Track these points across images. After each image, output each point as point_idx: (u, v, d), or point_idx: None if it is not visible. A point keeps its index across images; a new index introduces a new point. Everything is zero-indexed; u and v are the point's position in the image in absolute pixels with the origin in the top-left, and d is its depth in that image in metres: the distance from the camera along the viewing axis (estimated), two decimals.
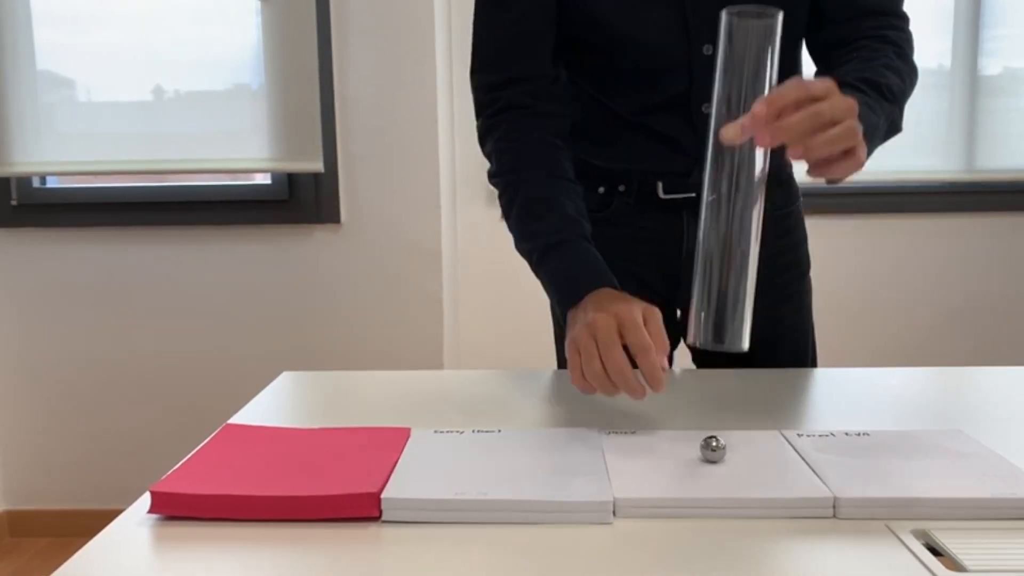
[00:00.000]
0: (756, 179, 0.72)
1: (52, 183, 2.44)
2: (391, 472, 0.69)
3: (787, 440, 0.77)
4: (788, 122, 0.69)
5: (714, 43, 0.98)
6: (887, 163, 2.36)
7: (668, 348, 0.81)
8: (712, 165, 0.72)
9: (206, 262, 2.38)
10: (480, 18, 1.04)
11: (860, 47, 0.98)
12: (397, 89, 2.25)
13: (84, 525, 2.44)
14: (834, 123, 0.71)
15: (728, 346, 0.75)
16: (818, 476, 0.68)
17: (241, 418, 0.89)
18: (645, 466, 0.71)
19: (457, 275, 2.51)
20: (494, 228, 1.00)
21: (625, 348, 0.80)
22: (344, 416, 0.89)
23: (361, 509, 0.64)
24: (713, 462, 0.71)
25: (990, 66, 2.37)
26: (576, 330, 0.84)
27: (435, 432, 0.81)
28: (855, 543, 0.60)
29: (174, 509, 0.66)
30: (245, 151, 2.28)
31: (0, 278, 2.40)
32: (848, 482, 0.66)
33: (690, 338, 0.77)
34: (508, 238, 1.03)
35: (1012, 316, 2.46)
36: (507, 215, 1.02)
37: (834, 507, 0.64)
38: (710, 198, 0.73)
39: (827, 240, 2.39)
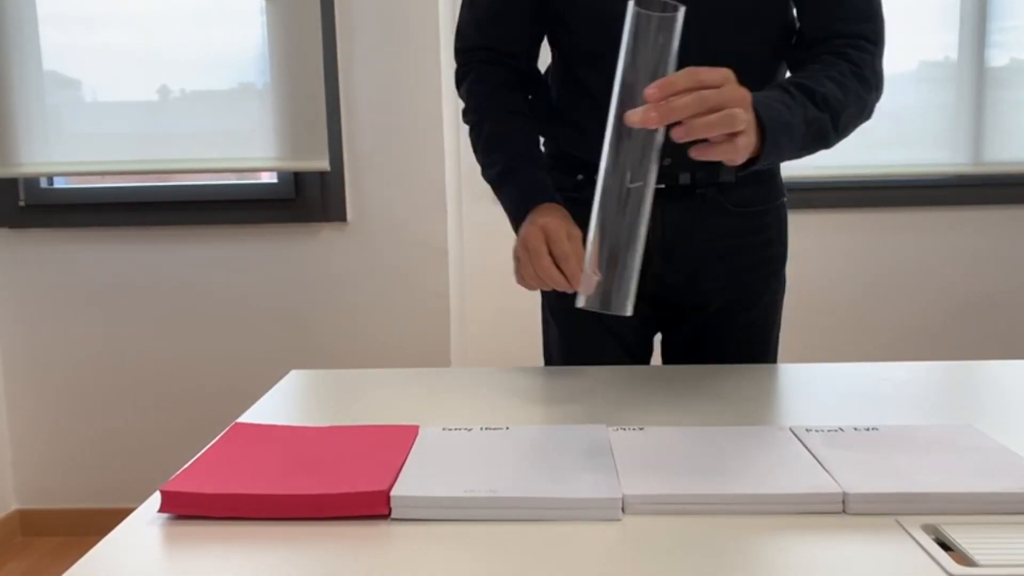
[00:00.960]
0: (650, 160, 0.77)
1: (59, 183, 2.45)
2: (400, 470, 0.70)
3: (796, 435, 0.77)
4: (674, 103, 0.73)
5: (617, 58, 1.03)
6: (894, 156, 2.35)
7: (585, 256, 0.84)
8: (610, 145, 0.78)
9: (213, 261, 2.38)
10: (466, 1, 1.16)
11: (819, 60, 1.00)
12: (402, 87, 2.25)
13: (95, 524, 2.45)
14: (719, 109, 0.75)
15: (614, 310, 0.79)
16: (827, 471, 0.68)
17: (250, 417, 0.89)
18: (653, 462, 0.71)
19: (464, 273, 2.51)
20: (500, 226, 1.01)
21: None
22: (352, 414, 0.90)
23: (370, 507, 0.64)
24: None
25: (997, 58, 2.36)
26: (517, 241, 0.98)
27: (443, 430, 0.81)
28: (865, 538, 0.60)
29: (184, 508, 0.66)
30: (251, 150, 2.29)
31: (9, 278, 2.41)
32: (857, 477, 0.66)
33: (579, 301, 0.81)
34: (513, 235, 1.04)
35: (1021, 309, 2.45)
36: (475, 149, 1.14)
37: (843, 502, 0.64)
38: (605, 176, 0.78)
39: (834, 234, 2.38)
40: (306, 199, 2.34)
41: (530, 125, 1.13)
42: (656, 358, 1.26)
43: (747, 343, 1.18)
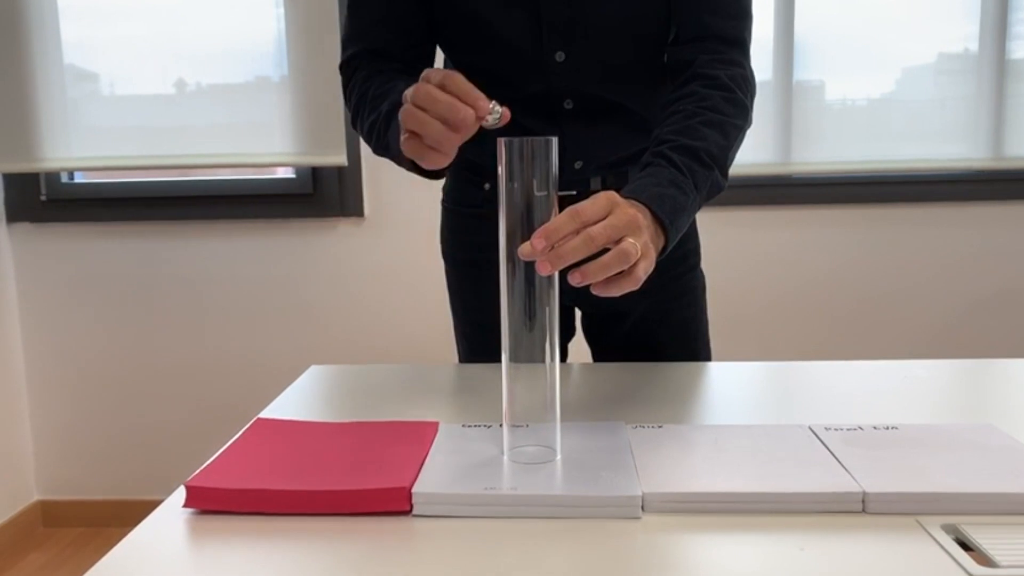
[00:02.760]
0: (550, 296, 0.74)
1: (79, 178, 2.47)
2: (421, 466, 0.70)
3: (815, 434, 0.77)
4: (563, 249, 0.71)
5: (566, 51, 1.01)
6: (912, 151, 2.33)
7: (479, 96, 0.80)
8: (507, 276, 0.73)
9: (231, 256, 2.40)
10: (348, 1, 1.08)
11: (687, 95, 0.97)
12: None
13: (115, 515, 2.48)
14: (610, 241, 0.73)
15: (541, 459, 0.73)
16: (847, 470, 0.68)
17: (271, 412, 0.90)
18: (673, 460, 0.72)
19: None
20: None
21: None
22: (372, 409, 0.90)
23: (392, 503, 0.65)
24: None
25: (1019, 49, 2.33)
26: (401, 115, 0.83)
27: (463, 426, 0.81)
28: (884, 538, 0.60)
29: (209, 503, 0.67)
30: (269, 145, 2.30)
31: (31, 272, 2.44)
32: (877, 476, 0.66)
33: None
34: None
35: None
36: (359, 128, 1.03)
37: (863, 502, 0.64)
38: (508, 311, 0.74)
39: (851, 230, 2.37)
40: (324, 194, 2.35)
41: (406, 81, 0.99)
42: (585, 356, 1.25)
43: (678, 344, 1.17)
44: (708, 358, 1.22)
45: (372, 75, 1.04)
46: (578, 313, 1.24)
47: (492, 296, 0.94)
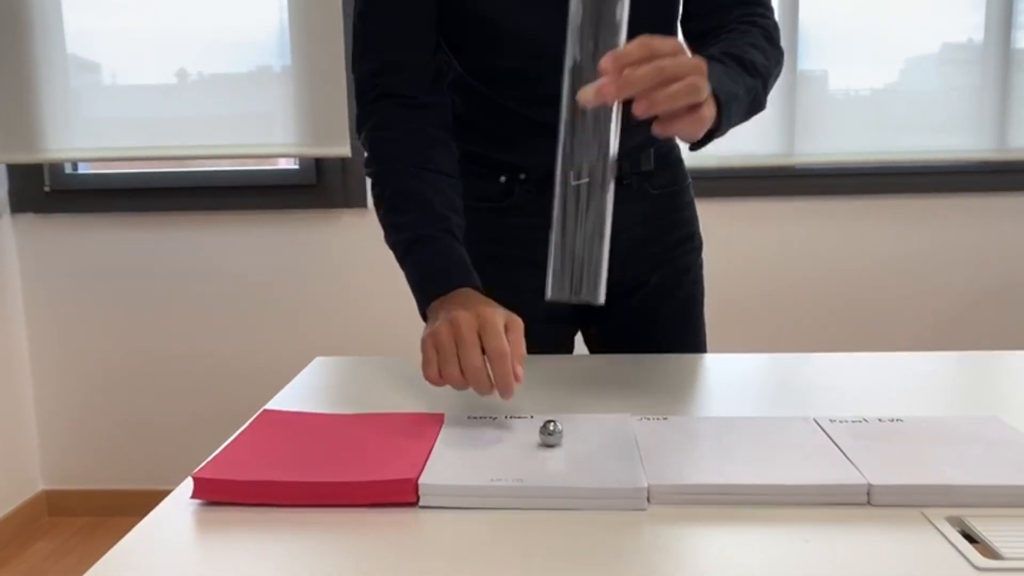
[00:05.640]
0: (609, 140, 0.74)
1: (83, 169, 2.47)
2: (427, 458, 0.71)
3: (820, 426, 0.77)
4: (633, 75, 0.70)
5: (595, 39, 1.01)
6: (916, 142, 2.33)
7: (524, 357, 0.80)
8: (564, 134, 0.75)
9: (235, 247, 2.40)
10: (360, 9, 1.02)
11: (729, 30, 1.00)
12: None
13: (120, 505, 2.49)
14: (678, 79, 0.72)
15: (585, 298, 0.77)
16: (852, 463, 0.68)
17: (277, 403, 0.90)
18: (678, 452, 0.72)
19: None
20: None
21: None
22: (377, 401, 0.91)
23: (399, 495, 0.65)
24: (551, 446, 0.73)
25: None
26: (437, 326, 0.82)
27: (468, 418, 0.82)
28: (890, 530, 0.60)
29: (216, 495, 0.67)
30: (272, 136, 2.30)
31: (35, 263, 2.45)
32: (882, 469, 0.67)
33: (549, 293, 0.78)
34: None
35: None
36: (378, 207, 1.01)
37: (868, 494, 0.64)
38: (562, 165, 0.76)
39: (855, 222, 2.37)
40: (327, 185, 2.35)
41: (444, 183, 0.99)
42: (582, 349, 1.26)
43: (680, 325, 1.20)
44: (704, 340, 1.23)
45: (395, 136, 1.00)
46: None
47: (512, 293, 0.95)
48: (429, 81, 1.03)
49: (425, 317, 0.93)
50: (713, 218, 1.35)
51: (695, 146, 0.88)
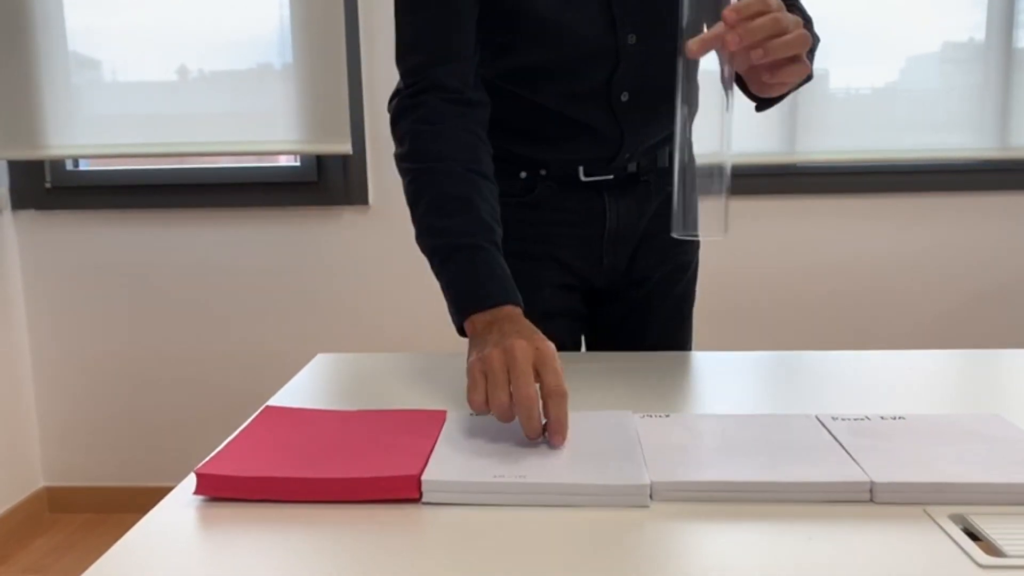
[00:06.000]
0: (725, 89, 0.82)
1: (84, 166, 2.47)
2: (430, 454, 0.71)
3: (822, 424, 0.77)
4: (754, 24, 0.78)
5: (637, 33, 1.03)
6: (917, 140, 2.33)
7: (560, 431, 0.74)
8: (681, 83, 0.83)
9: (236, 243, 2.40)
10: (402, 4, 1.00)
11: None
12: None
13: (121, 501, 2.49)
14: (789, 32, 0.80)
15: (708, 234, 0.84)
16: (854, 460, 0.68)
17: (279, 400, 0.90)
18: (681, 449, 0.72)
19: None
20: None
21: None
22: (379, 398, 0.91)
23: (402, 491, 0.65)
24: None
25: None
26: (488, 351, 0.78)
27: (471, 415, 0.82)
28: (892, 527, 0.60)
29: (219, 491, 0.67)
30: (274, 133, 2.30)
31: (36, 259, 2.45)
32: (885, 466, 0.67)
33: (676, 231, 0.85)
34: None
35: None
36: (414, 204, 0.96)
37: (871, 491, 0.64)
38: (682, 111, 0.84)
39: (856, 221, 2.37)
40: (328, 182, 2.35)
41: (489, 190, 0.96)
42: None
43: (672, 320, 1.22)
44: (691, 338, 1.25)
45: (441, 133, 0.96)
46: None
47: (534, 287, 0.95)
48: (475, 72, 1.01)
49: (460, 328, 0.91)
50: None
51: (762, 106, 0.96)
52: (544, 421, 0.73)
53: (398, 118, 1.00)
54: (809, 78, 0.99)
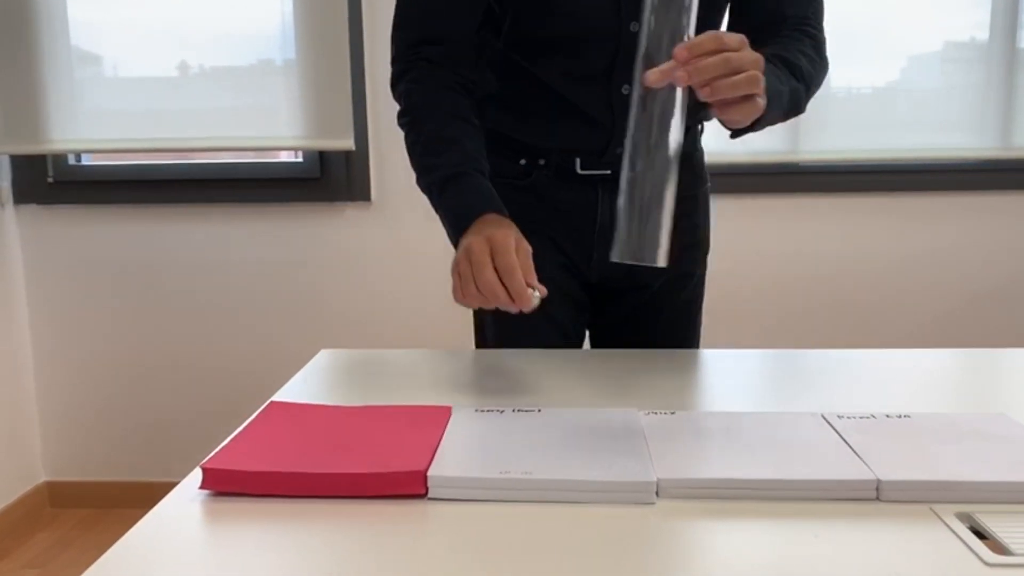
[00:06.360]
0: (674, 121, 0.81)
1: (86, 160, 2.47)
2: (435, 450, 0.71)
3: (828, 422, 0.77)
4: (702, 64, 0.78)
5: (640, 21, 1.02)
6: (919, 140, 2.32)
7: (534, 272, 0.87)
8: (636, 106, 0.81)
9: (239, 239, 2.40)
10: None
11: (783, 36, 1.06)
12: None
13: (122, 497, 2.49)
14: (741, 71, 0.80)
15: (647, 261, 0.83)
16: (860, 458, 0.68)
17: (283, 395, 0.90)
18: (686, 447, 0.72)
19: None
20: None
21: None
22: (383, 394, 0.91)
23: (408, 486, 0.65)
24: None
25: None
26: (457, 255, 0.92)
27: (476, 411, 0.82)
28: (899, 525, 0.60)
29: (225, 485, 0.67)
30: (276, 129, 2.30)
31: (38, 254, 2.44)
32: (891, 465, 0.67)
33: (613, 255, 0.84)
34: None
35: None
36: (412, 153, 1.07)
37: (877, 489, 0.64)
38: (632, 134, 0.82)
39: (857, 220, 2.37)
40: (331, 178, 2.35)
41: (474, 130, 1.06)
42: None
43: (678, 324, 1.22)
44: (699, 340, 1.25)
45: (429, 89, 1.06)
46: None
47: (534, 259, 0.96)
48: (469, 58, 1.08)
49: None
50: (718, 214, 1.36)
51: (735, 134, 0.95)
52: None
53: (395, 84, 1.10)
54: (798, 112, 1.03)
